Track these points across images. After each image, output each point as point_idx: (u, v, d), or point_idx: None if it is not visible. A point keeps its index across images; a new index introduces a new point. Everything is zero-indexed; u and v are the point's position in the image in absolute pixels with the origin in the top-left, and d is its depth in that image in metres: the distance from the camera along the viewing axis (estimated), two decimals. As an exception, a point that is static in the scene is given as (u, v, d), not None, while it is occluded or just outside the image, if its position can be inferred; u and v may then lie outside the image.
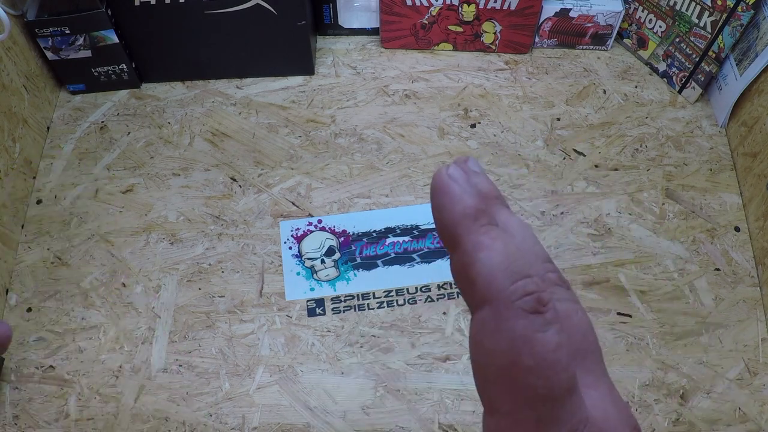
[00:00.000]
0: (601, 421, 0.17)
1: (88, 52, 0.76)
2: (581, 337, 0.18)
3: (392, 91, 0.82)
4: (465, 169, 0.21)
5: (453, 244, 0.19)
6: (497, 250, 0.18)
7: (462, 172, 0.20)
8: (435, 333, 0.64)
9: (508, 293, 0.17)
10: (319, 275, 0.68)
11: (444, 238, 0.20)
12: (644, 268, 0.68)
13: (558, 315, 0.18)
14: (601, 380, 0.18)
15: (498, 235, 0.19)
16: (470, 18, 0.81)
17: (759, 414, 0.60)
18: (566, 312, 0.18)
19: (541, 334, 0.17)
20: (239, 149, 0.77)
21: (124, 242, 0.70)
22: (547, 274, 0.19)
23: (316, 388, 0.62)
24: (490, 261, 0.18)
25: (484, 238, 0.18)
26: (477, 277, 0.18)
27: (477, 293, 0.18)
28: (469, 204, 0.19)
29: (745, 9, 0.69)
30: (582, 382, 0.18)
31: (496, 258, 0.18)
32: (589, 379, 0.18)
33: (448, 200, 0.20)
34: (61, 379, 0.62)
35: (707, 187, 0.73)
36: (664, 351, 0.63)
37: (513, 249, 0.18)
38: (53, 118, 0.80)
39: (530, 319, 0.17)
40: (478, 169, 0.21)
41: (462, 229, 0.19)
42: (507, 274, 0.18)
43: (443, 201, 0.20)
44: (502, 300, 0.17)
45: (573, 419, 0.17)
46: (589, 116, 0.79)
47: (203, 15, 0.75)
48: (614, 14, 0.80)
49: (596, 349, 0.19)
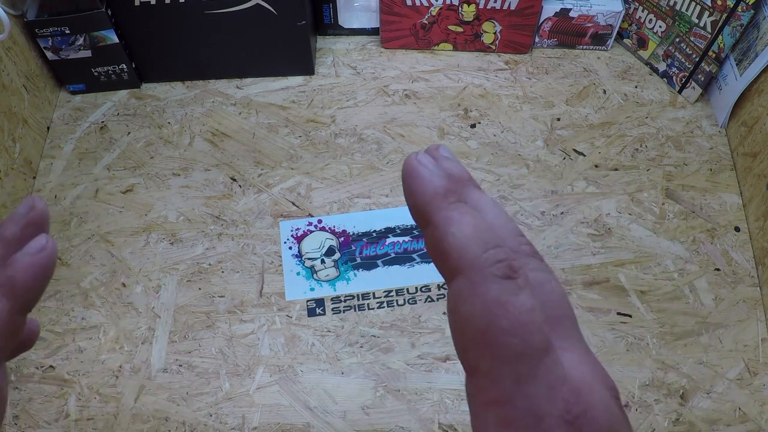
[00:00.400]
0: (578, 380, 0.18)
1: (88, 52, 0.76)
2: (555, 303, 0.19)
3: (392, 91, 0.82)
4: (435, 155, 0.22)
5: (425, 223, 0.20)
6: (467, 223, 0.19)
7: (431, 157, 0.21)
8: (435, 333, 0.64)
9: (481, 261, 0.18)
10: (319, 275, 0.68)
11: (417, 218, 0.21)
12: (644, 268, 0.68)
13: (529, 281, 0.18)
14: (578, 344, 0.19)
15: (467, 210, 0.19)
16: (470, 18, 0.81)
17: (759, 414, 0.60)
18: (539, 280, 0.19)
19: (513, 297, 0.18)
20: (239, 149, 0.77)
21: (124, 242, 0.70)
22: (520, 246, 0.19)
23: (316, 388, 0.62)
24: (461, 233, 0.19)
25: (453, 213, 0.19)
26: (450, 248, 0.19)
27: (451, 264, 0.19)
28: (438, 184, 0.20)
29: (745, 9, 0.69)
30: (558, 346, 0.18)
31: (466, 230, 0.19)
32: (565, 343, 0.18)
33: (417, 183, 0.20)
34: (61, 379, 0.62)
35: (707, 187, 0.73)
36: (664, 351, 0.63)
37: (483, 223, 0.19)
38: (53, 118, 0.80)
39: (503, 284, 0.18)
40: (449, 155, 0.22)
41: (432, 207, 0.20)
42: (478, 244, 0.18)
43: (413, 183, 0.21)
44: (475, 268, 0.18)
45: (550, 376, 0.17)
46: (589, 116, 0.79)
47: (203, 15, 0.75)
48: (614, 14, 0.80)
49: (571, 316, 0.19)
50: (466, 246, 0.19)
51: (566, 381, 0.17)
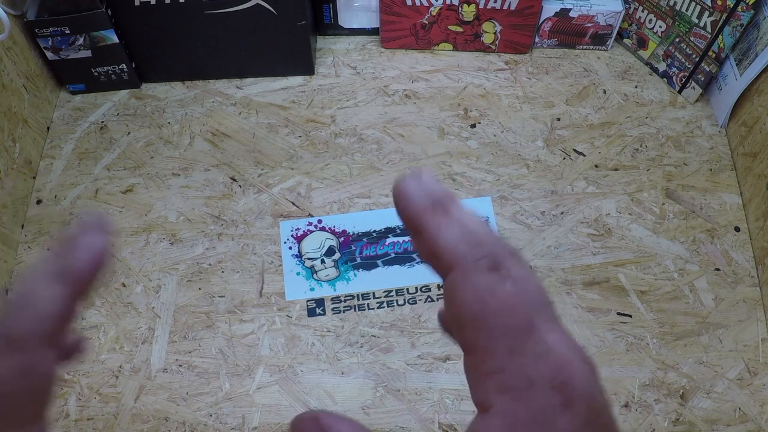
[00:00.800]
0: (560, 354, 0.21)
1: (88, 52, 0.76)
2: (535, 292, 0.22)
3: (392, 91, 0.82)
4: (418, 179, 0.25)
5: (417, 234, 0.24)
6: (454, 228, 0.23)
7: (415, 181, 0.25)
8: (435, 333, 0.64)
9: (469, 257, 0.22)
10: (319, 275, 0.68)
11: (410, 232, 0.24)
12: (644, 268, 0.68)
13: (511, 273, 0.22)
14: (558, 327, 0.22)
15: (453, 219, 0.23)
16: (470, 18, 0.81)
17: (759, 414, 0.60)
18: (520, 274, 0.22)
19: (500, 285, 0.21)
20: (239, 149, 0.77)
21: (124, 242, 0.70)
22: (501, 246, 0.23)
23: (316, 388, 0.62)
24: (450, 236, 0.22)
25: (441, 221, 0.23)
26: (441, 250, 0.22)
27: (444, 264, 0.22)
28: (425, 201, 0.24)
29: (745, 9, 0.69)
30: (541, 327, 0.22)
31: (454, 233, 0.22)
32: (547, 325, 0.22)
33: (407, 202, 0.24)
34: (61, 379, 0.62)
35: (707, 187, 0.73)
36: (664, 351, 0.63)
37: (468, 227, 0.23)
38: (53, 118, 0.80)
39: (489, 275, 0.22)
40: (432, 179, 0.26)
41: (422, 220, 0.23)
42: (465, 243, 0.22)
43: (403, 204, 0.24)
44: (465, 262, 0.22)
45: (537, 348, 0.21)
46: (589, 116, 0.79)
47: (203, 15, 0.75)
48: (614, 14, 0.80)
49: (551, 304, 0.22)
50: (455, 246, 0.22)
51: (550, 353, 0.21)
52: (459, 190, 0.73)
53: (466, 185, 0.74)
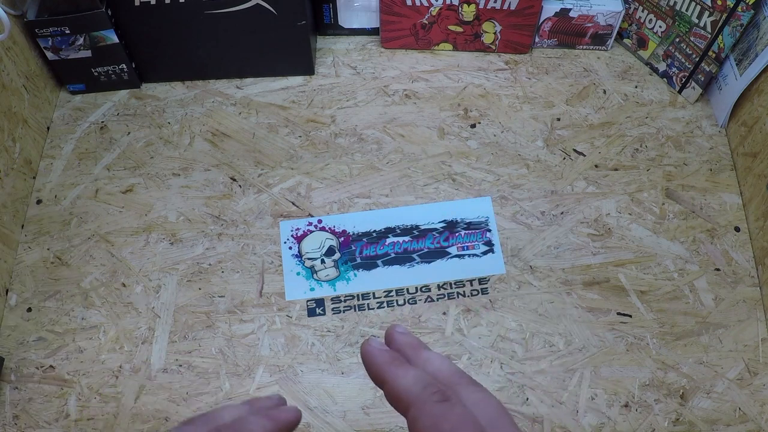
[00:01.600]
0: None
1: (88, 52, 0.76)
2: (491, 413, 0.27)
3: (392, 91, 0.82)
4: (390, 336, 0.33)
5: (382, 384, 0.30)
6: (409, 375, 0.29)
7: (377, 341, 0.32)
8: (435, 333, 0.64)
9: (422, 395, 0.28)
10: (319, 275, 0.68)
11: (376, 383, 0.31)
12: (644, 268, 0.68)
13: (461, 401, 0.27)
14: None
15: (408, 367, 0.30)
16: (470, 18, 0.81)
17: (759, 414, 0.60)
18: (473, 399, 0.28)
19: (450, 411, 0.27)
20: (239, 149, 0.77)
21: (124, 242, 0.70)
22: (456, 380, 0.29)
23: (316, 388, 0.62)
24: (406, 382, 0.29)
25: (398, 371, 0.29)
26: (400, 394, 0.28)
27: (403, 404, 0.28)
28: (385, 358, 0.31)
29: (745, 9, 0.69)
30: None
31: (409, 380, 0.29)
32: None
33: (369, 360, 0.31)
34: (61, 379, 0.62)
35: (707, 187, 0.74)
36: (664, 351, 0.63)
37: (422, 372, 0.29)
38: (53, 118, 0.80)
39: (441, 405, 0.27)
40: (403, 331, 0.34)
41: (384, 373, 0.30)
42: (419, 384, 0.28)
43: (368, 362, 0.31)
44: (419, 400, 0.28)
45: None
46: (589, 116, 0.79)
47: (203, 15, 0.75)
48: (614, 14, 0.80)
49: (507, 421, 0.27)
50: (410, 389, 0.28)
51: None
52: (459, 190, 0.73)
53: (466, 185, 0.74)
